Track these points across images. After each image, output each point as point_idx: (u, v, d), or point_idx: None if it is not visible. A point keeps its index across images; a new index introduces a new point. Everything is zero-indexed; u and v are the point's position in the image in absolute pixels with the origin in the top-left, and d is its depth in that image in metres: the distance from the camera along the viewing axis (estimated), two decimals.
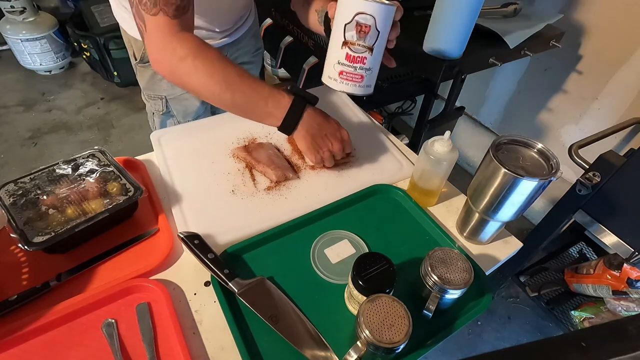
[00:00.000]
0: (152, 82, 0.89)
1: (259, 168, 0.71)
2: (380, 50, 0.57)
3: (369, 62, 0.57)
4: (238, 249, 0.58)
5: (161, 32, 0.58)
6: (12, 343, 0.46)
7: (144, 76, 0.89)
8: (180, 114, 0.93)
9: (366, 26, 0.53)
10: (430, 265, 0.48)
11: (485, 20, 1.04)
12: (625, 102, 1.29)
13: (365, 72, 0.58)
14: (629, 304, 1.21)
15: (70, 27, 2.32)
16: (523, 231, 1.64)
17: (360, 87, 0.59)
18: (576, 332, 0.60)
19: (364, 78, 0.58)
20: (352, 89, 0.59)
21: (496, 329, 1.41)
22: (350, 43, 0.55)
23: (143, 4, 0.57)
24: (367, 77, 0.58)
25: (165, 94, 0.90)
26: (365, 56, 0.56)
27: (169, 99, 0.91)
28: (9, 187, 0.57)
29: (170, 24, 0.58)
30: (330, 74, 0.59)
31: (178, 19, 0.59)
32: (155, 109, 0.94)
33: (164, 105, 0.92)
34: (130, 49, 0.88)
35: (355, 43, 0.55)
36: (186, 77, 0.61)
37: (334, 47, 0.57)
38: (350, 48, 0.55)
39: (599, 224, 1.02)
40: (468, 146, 1.98)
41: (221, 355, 0.48)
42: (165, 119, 0.95)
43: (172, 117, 0.94)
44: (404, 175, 0.73)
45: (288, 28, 1.25)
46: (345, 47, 0.56)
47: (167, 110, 0.93)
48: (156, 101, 0.92)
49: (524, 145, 0.55)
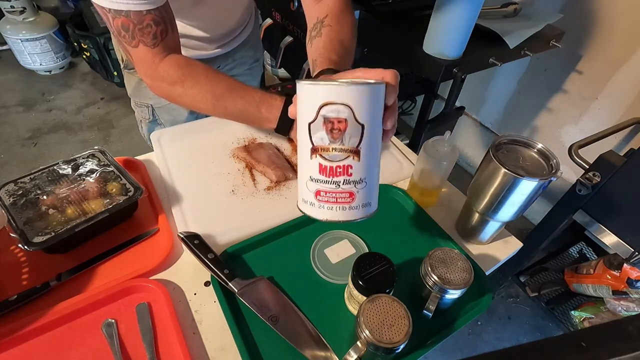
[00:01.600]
0: (138, 89, 0.86)
1: (259, 168, 0.71)
2: (373, 150, 0.38)
3: (357, 171, 0.38)
4: (238, 249, 0.58)
5: (146, 63, 0.60)
6: (12, 343, 0.46)
7: (130, 83, 0.87)
8: (167, 122, 0.90)
9: (339, 121, 0.35)
10: (430, 265, 0.48)
11: (485, 20, 1.04)
12: (625, 102, 1.29)
13: (355, 187, 0.38)
14: (629, 304, 1.21)
15: (70, 27, 2.32)
16: (523, 231, 1.64)
17: (353, 210, 0.39)
18: (576, 332, 0.60)
19: (354, 196, 0.38)
20: (340, 214, 0.39)
21: (496, 329, 1.41)
22: (321, 149, 0.37)
23: (122, 37, 0.58)
24: (361, 193, 0.39)
25: (151, 102, 0.87)
26: (350, 164, 0.37)
27: (156, 108, 0.88)
28: (9, 187, 0.57)
29: (152, 53, 0.59)
30: (305, 197, 0.40)
31: (159, 46, 0.59)
32: (142, 116, 0.91)
33: (151, 113, 0.89)
34: (118, 52, 0.86)
35: (329, 148, 0.36)
36: (179, 99, 0.64)
37: (303, 158, 0.39)
38: (322, 156, 0.37)
39: (599, 224, 1.02)
40: (468, 146, 1.98)
41: (221, 355, 0.48)
42: (152, 127, 0.91)
43: (160, 125, 0.91)
44: (404, 175, 0.73)
45: (288, 28, 1.25)
46: (316, 156, 0.37)
47: (153, 118, 0.90)
48: (143, 109, 0.89)
49: (524, 145, 0.55)
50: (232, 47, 0.89)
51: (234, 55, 0.92)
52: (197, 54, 0.82)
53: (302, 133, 0.38)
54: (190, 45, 0.80)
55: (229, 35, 0.87)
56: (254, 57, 0.99)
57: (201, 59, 0.78)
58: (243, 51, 0.94)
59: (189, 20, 0.76)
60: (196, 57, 0.76)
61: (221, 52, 0.87)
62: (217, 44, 0.85)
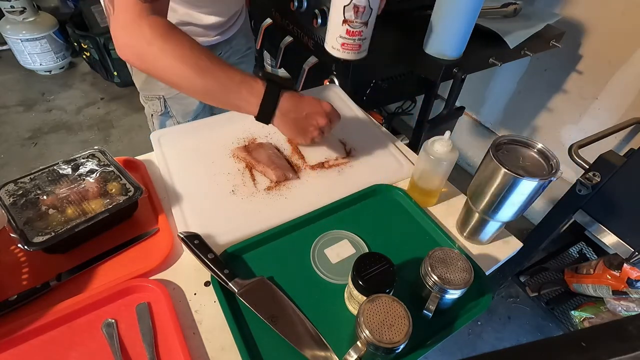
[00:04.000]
0: (149, 82, 0.88)
1: (259, 168, 0.71)
2: (372, 22, 0.70)
3: (365, 33, 0.70)
4: (238, 249, 0.58)
5: (130, 14, 0.55)
6: (12, 343, 0.46)
7: (139, 76, 0.88)
8: (179, 114, 0.92)
9: (362, 7, 0.66)
10: (430, 265, 0.48)
11: (485, 20, 1.04)
12: (625, 102, 1.29)
13: (362, 42, 0.71)
14: (629, 304, 1.21)
15: (70, 27, 2.32)
16: (523, 231, 1.64)
17: (359, 54, 0.74)
18: (576, 332, 0.60)
19: (361, 46, 0.72)
20: (352, 56, 0.73)
21: (496, 329, 1.41)
22: (349, 21, 0.68)
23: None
24: (363, 45, 0.72)
25: (162, 93, 0.89)
26: (362, 30, 0.69)
27: (167, 99, 0.90)
28: (9, 187, 0.57)
29: (140, 7, 0.55)
30: (334, 45, 0.73)
31: (150, 3, 0.55)
32: (153, 109, 0.93)
33: (162, 105, 0.91)
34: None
35: (354, 21, 0.67)
36: (155, 61, 0.57)
37: (335, 24, 0.69)
38: (349, 25, 0.68)
39: (599, 224, 1.02)
40: (468, 146, 1.98)
41: (221, 355, 0.48)
42: (164, 120, 0.94)
43: (171, 117, 0.93)
44: (404, 175, 0.73)
45: (288, 28, 1.25)
46: (345, 25, 0.68)
47: (165, 111, 0.92)
48: (154, 102, 0.91)
49: (524, 145, 0.55)
50: (230, 34, 0.91)
51: (230, 43, 0.95)
52: (201, 40, 0.84)
53: (337, 10, 0.69)
54: (195, 32, 0.82)
55: (228, 22, 0.89)
56: (247, 44, 1.04)
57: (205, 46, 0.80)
58: (238, 38, 0.97)
59: (200, 7, 0.78)
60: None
61: (220, 39, 0.89)
62: (218, 30, 0.87)
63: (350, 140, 0.80)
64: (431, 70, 0.96)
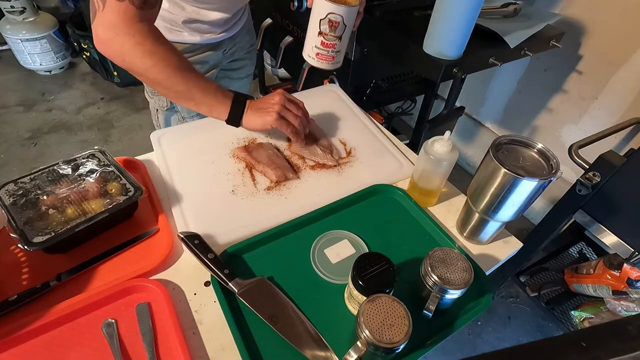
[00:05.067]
0: None
1: (259, 168, 0.71)
2: (347, 37, 0.72)
3: (338, 47, 0.72)
4: (238, 249, 0.58)
5: (121, 16, 0.57)
6: (12, 343, 0.46)
7: None
8: (184, 109, 0.93)
9: (336, 22, 0.68)
10: (430, 265, 0.48)
11: (485, 20, 1.03)
12: (625, 102, 1.29)
13: (335, 54, 0.73)
14: (629, 304, 1.21)
15: (70, 27, 2.32)
16: (523, 231, 1.64)
17: (332, 64, 0.76)
18: (576, 332, 0.60)
19: (334, 58, 0.74)
20: (326, 66, 0.76)
21: (496, 329, 1.40)
22: (324, 34, 0.70)
23: None
24: (337, 57, 0.74)
25: None
26: (335, 43, 0.71)
27: None
28: (9, 187, 0.57)
29: (132, 12, 0.57)
30: (309, 54, 0.75)
31: (142, 11, 0.58)
32: (159, 105, 0.94)
33: (168, 100, 0.92)
34: None
35: (328, 34, 0.69)
36: (140, 60, 0.61)
37: (312, 34, 0.72)
38: (324, 37, 0.70)
39: (599, 224, 1.02)
40: (468, 146, 1.98)
41: (221, 355, 0.48)
42: (169, 115, 0.95)
43: (177, 112, 0.94)
44: (404, 175, 0.73)
45: (288, 28, 1.25)
46: (320, 36, 0.70)
47: (171, 106, 0.93)
48: (160, 97, 0.92)
49: (524, 145, 0.55)
50: (234, 31, 0.93)
51: (235, 39, 0.96)
52: (207, 37, 0.86)
53: (314, 22, 0.70)
54: (202, 29, 0.84)
55: (233, 19, 0.91)
56: (250, 41, 1.05)
57: (211, 43, 0.88)
58: (242, 35, 0.98)
59: (207, 4, 0.80)
60: (206, 42, 0.87)
61: (226, 36, 0.91)
62: (223, 27, 0.89)
63: (350, 140, 0.80)
64: (431, 70, 0.96)
